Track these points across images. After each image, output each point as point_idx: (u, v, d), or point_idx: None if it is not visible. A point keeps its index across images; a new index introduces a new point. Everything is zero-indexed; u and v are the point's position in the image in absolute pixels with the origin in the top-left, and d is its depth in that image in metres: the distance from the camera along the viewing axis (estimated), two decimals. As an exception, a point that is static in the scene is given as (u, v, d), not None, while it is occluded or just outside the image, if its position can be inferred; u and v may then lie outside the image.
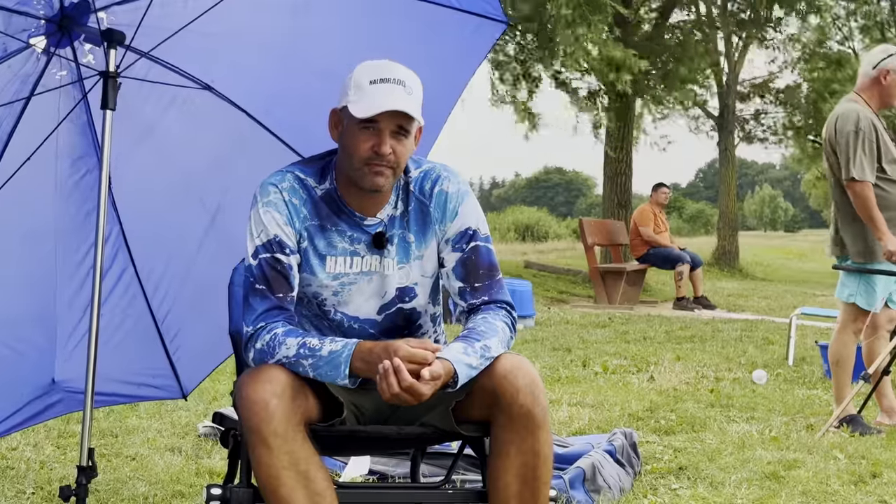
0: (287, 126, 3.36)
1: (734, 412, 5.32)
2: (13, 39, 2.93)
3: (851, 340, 4.96)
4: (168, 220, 3.52)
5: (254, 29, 3.24)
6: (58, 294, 3.42)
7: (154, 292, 3.57)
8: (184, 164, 3.45)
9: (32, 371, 3.48)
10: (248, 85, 3.33)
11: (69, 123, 3.24)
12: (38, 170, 3.23)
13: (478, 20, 3.24)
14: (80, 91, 3.22)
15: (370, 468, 3.76)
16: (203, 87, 3.29)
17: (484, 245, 2.45)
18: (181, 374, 3.71)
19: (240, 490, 2.30)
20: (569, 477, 3.42)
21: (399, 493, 2.56)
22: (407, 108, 2.27)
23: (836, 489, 3.69)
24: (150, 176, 3.40)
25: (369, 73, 2.31)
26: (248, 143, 3.37)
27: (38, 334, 3.47)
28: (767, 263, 24.84)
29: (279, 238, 2.36)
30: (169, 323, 3.61)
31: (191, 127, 3.39)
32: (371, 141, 2.30)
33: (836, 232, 4.96)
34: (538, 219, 33.27)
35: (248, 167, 3.40)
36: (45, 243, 3.37)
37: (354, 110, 2.29)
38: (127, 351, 3.54)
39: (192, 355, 3.69)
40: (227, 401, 5.08)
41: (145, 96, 3.26)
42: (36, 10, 2.95)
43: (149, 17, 3.04)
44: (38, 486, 3.62)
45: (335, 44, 3.22)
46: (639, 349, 7.97)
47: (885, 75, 4.91)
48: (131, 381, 3.67)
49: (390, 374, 2.12)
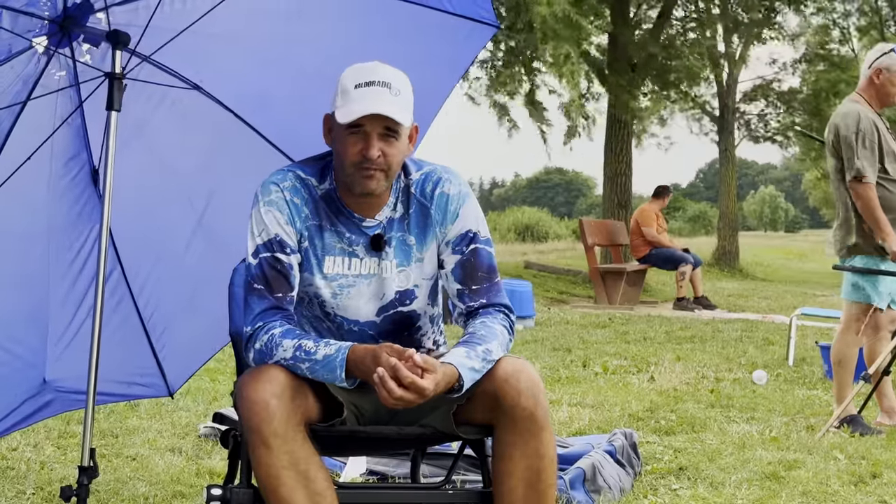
0: (277, 128, 3.37)
1: (734, 412, 5.31)
2: (19, 39, 2.93)
3: (854, 341, 4.96)
4: (156, 219, 3.53)
5: (246, 32, 3.25)
6: (50, 293, 3.42)
7: (140, 291, 3.58)
8: (172, 164, 3.46)
9: (25, 371, 3.48)
10: (238, 86, 3.33)
11: (63, 124, 3.23)
12: (33, 170, 3.23)
13: (470, 24, 3.25)
14: (77, 92, 3.22)
15: (371, 468, 3.76)
16: (192, 87, 3.29)
17: (484, 247, 2.44)
18: (168, 372, 3.73)
19: (240, 490, 2.30)
20: (569, 477, 3.41)
21: (399, 494, 2.57)
22: (389, 111, 2.26)
23: (837, 489, 3.69)
24: (139, 176, 3.39)
25: (355, 76, 2.31)
26: (237, 144, 3.38)
27: (30, 334, 3.47)
28: (768, 264, 24.83)
29: (280, 237, 2.36)
30: (155, 322, 3.63)
31: (179, 127, 3.39)
32: (359, 145, 2.30)
33: (837, 232, 4.96)
34: (538, 219, 33.26)
35: (235, 168, 3.42)
36: (38, 243, 3.38)
37: (339, 116, 2.29)
38: (116, 351, 3.53)
39: (178, 354, 3.71)
40: (228, 401, 5.08)
41: (135, 96, 3.24)
42: (41, 10, 2.96)
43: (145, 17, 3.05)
44: (39, 486, 3.62)
45: (328, 47, 3.23)
46: (639, 349, 7.97)
47: (878, 74, 4.90)
48: (121, 381, 3.67)
49: (387, 379, 2.12)
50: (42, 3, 2.94)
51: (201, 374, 6.03)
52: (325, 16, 3.25)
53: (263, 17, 3.25)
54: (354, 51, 2.77)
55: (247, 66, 3.32)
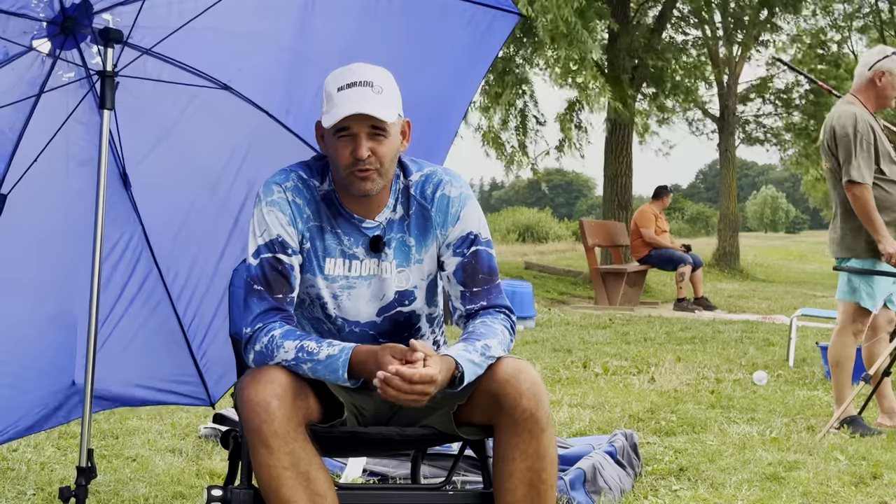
0: (307, 125, 3.33)
1: (735, 413, 5.31)
2: (13, 44, 2.92)
3: (851, 341, 4.96)
4: (190, 222, 3.48)
5: (270, 29, 3.21)
6: (77, 297, 3.35)
7: (179, 296, 3.53)
8: (205, 165, 3.41)
9: (53, 375, 3.45)
10: (266, 84, 3.29)
11: (78, 124, 3.21)
12: (50, 173, 3.20)
13: (492, 14, 3.18)
14: (94, 95, 3.18)
15: (371, 469, 3.76)
16: (221, 86, 3.26)
17: (485, 249, 2.44)
18: (208, 380, 3.67)
19: (240, 491, 2.30)
20: (569, 478, 3.41)
21: (400, 495, 2.56)
22: (372, 109, 2.26)
23: (837, 490, 3.69)
24: (171, 178, 3.37)
25: (337, 80, 2.32)
26: (270, 142, 3.33)
27: (58, 336, 3.43)
28: (768, 265, 24.83)
29: (281, 238, 2.36)
30: (195, 328, 3.57)
31: (211, 127, 3.36)
32: (349, 147, 2.30)
33: (836, 232, 4.96)
34: (538, 220, 33.26)
35: (270, 168, 3.38)
36: (65, 246, 3.34)
37: (325, 120, 2.31)
38: (150, 355, 3.50)
39: (219, 362, 3.63)
40: (228, 402, 5.08)
41: (162, 97, 3.23)
42: (35, 12, 2.93)
43: (154, 16, 3.03)
44: (39, 487, 3.62)
45: (350, 41, 3.18)
46: (639, 350, 7.97)
47: (881, 77, 4.90)
48: (153, 387, 3.63)
49: (392, 379, 2.12)
50: (34, 4, 2.92)
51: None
52: (346, 10, 3.20)
53: (285, 12, 3.19)
54: (377, 45, 2.74)
55: (274, 64, 3.27)
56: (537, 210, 37.19)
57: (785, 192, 70.83)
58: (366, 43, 3.10)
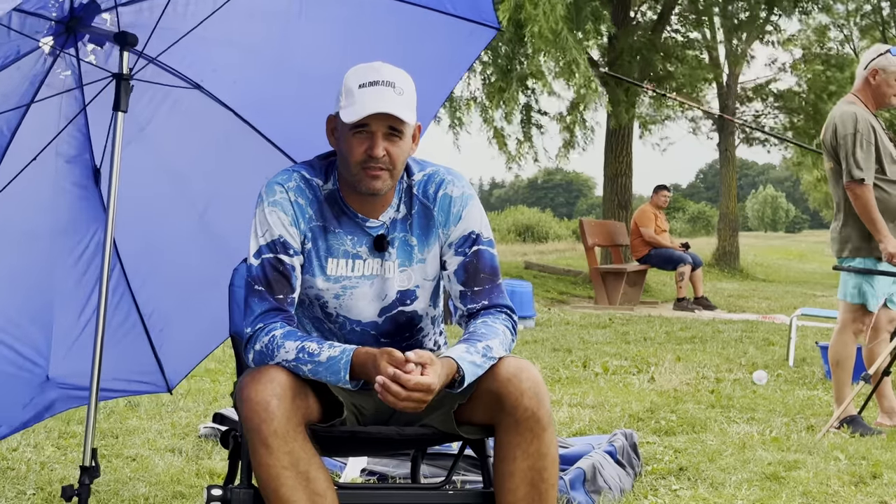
0: (278, 129, 3.37)
1: (735, 413, 5.31)
2: (27, 40, 2.94)
3: (851, 341, 4.96)
4: (157, 219, 3.53)
5: (248, 34, 3.25)
6: (55, 292, 3.43)
7: (140, 289, 3.59)
8: (173, 163, 3.46)
9: (31, 370, 3.49)
10: (240, 87, 3.34)
11: (65, 121, 3.24)
12: (38, 170, 3.23)
13: (471, 26, 3.25)
14: (81, 92, 3.22)
15: (371, 469, 3.76)
16: (193, 86, 3.29)
17: (486, 249, 2.44)
18: (166, 368, 3.75)
19: (240, 491, 2.30)
20: (569, 478, 3.41)
21: (400, 494, 2.56)
22: (394, 109, 2.26)
23: (837, 490, 3.69)
24: (139, 175, 3.39)
25: (359, 76, 2.31)
26: (238, 144, 3.39)
27: (36, 333, 3.48)
28: (768, 264, 24.83)
29: (283, 239, 2.36)
30: (154, 319, 3.65)
31: (181, 127, 3.40)
32: (364, 144, 2.30)
33: (834, 232, 4.96)
34: (538, 219, 33.24)
35: (236, 168, 3.44)
36: (44, 242, 3.39)
37: (344, 116, 2.29)
38: (117, 348, 3.53)
39: (176, 351, 3.73)
40: (228, 401, 5.08)
41: (137, 97, 3.24)
42: (49, 12, 2.97)
43: (153, 17, 3.05)
44: (39, 486, 3.62)
45: (329, 49, 3.24)
46: (639, 350, 7.97)
47: (874, 75, 4.89)
48: (121, 378, 3.69)
49: (390, 384, 2.12)
50: (50, 4, 2.95)
51: (201, 374, 6.05)
52: (326, 18, 3.25)
53: (264, 19, 3.26)
54: (355, 52, 2.78)
55: (249, 68, 3.32)
56: (537, 210, 37.19)
57: (785, 191, 70.82)
58: (344, 50, 3.14)
